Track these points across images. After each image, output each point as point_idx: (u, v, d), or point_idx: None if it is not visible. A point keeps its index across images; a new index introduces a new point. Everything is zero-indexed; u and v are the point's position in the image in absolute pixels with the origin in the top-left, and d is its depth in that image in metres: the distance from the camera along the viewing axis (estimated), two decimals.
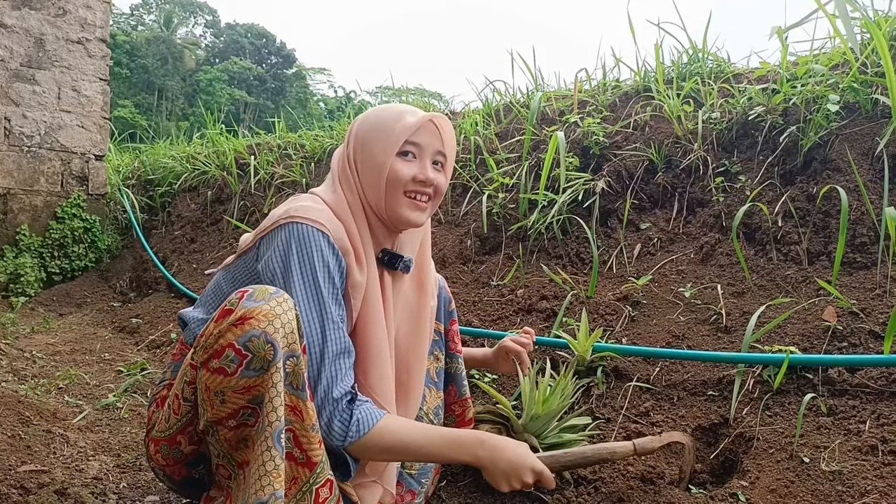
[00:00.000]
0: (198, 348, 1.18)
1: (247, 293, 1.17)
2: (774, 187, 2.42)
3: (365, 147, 1.43)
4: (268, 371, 1.13)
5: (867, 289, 1.95)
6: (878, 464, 1.45)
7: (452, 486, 1.73)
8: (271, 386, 1.14)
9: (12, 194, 4.94)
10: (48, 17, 5.04)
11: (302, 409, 1.20)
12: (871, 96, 2.34)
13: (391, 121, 1.43)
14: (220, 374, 1.14)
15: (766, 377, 1.79)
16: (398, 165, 1.41)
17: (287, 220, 1.32)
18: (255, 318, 1.13)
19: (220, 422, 1.19)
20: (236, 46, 48.61)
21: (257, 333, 1.12)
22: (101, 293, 4.81)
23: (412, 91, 6.18)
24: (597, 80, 3.72)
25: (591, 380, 2.02)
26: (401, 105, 1.51)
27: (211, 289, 1.49)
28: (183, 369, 1.25)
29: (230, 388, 1.14)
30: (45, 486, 1.58)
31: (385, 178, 1.40)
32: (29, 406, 2.16)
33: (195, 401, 1.23)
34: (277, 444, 1.15)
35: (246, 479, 1.19)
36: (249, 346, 1.12)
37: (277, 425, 1.15)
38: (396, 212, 1.42)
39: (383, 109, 1.49)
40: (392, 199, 1.41)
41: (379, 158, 1.40)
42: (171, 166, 5.77)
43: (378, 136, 1.42)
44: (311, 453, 1.22)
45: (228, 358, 1.13)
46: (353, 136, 1.47)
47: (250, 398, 1.15)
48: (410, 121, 1.41)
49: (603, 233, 2.79)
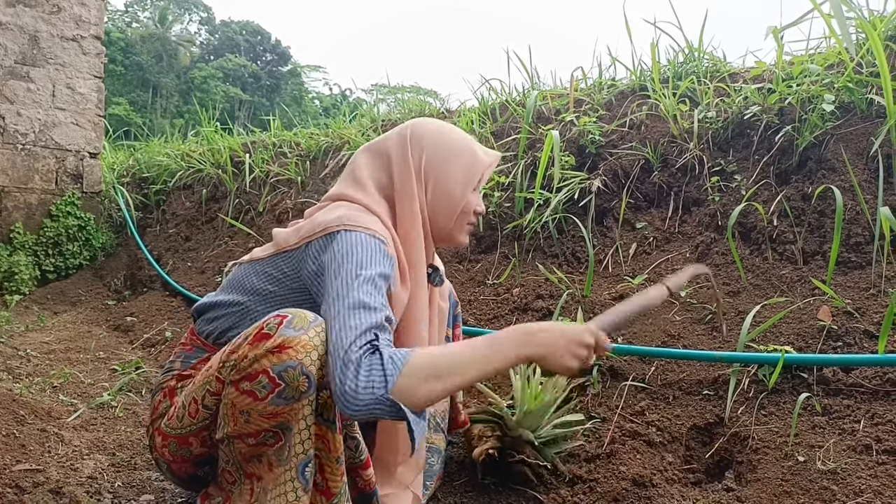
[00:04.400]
0: (228, 365, 1.17)
1: (286, 319, 1.15)
2: (770, 187, 2.43)
3: (441, 175, 1.47)
4: (299, 401, 1.13)
5: (862, 288, 1.96)
6: (873, 463, 1.45)
7: (448, 486, 1.73)
8: (301, 418, 1.15)
9: (6, 192, 4.92)
10: (43, 14, 5.01)
11: (330, 440, 1.21)
12: (866, 96, 2.34)
13: (467, 152, 1.50)
14: (250, 396, 1.13)
15: (762, 377, 1.80)
16: (472, 199, 1.51)
17: (341, 227, 1.28)
18: (293, 348, 1.12)
19: (240, 437, 1.19)
20: (231, 44, 48.42)
21: (294, 364, 1.11)
22: (95, 291, 4.80)
23: (408, 89, 6.19)
24: (593, 79, 3.72)
25: (586, 379, 2.03)
26: (465, 135, 1.56)
27: (234, 281, 1.45)
28: (206, 378, 1.24)
29: (257, 412, 1.14)
30: (39, 486, 1.58)
31: (460, 210, 1.49)
32: (23, 405, 2.15)
33: (216, 410, 1.23)
34: (301, 477, 1.16)
35: (255, 495, 1.20)
36: (284, 376, 1.11)
37: (303, 458, 1.17)
38: (456, 237, 1.53)
39: (452, 135, 1.52)
40: (458, 226, 1.51)
41: (458, 190, 1.48)
42: (166, 164, 5.74)
43: (456, 168, 1.48)
44: (331, 483, 1.23)
45: (261, 384, 1.12)
46: (423, 155, 1.47)
47: (276, 424, 1.15)
48: (486, 160, 1.52)
49: (599, 232, 2.79)
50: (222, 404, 1.20)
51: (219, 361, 1.21)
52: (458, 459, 1.84)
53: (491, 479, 1.71)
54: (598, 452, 1.75)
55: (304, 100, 44.18)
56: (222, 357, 1.20)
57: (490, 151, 1.55)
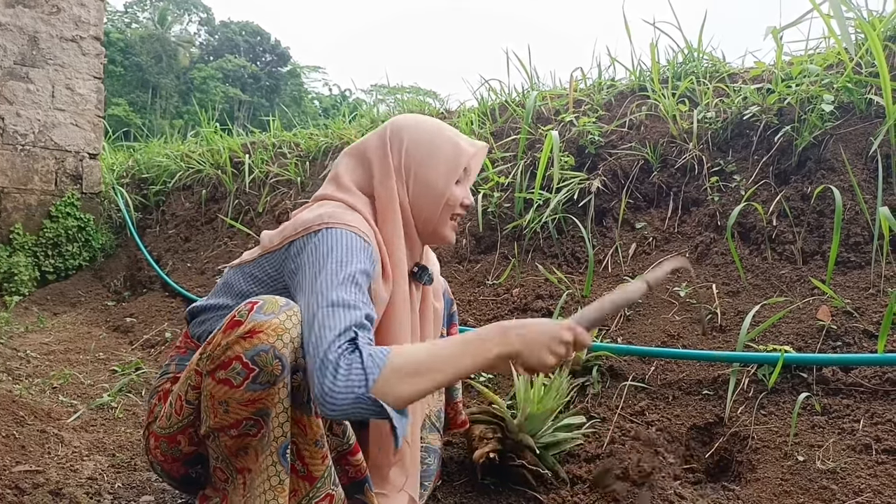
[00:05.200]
0: (204, 356, 1.18)
1: (256, 305, 1.15)
2: (769, 187, 2.43)
3: (422, 168, 1.44)
4: (274, 385, 1.13)
5: (861, 288, 1.96)
6: (872, 462, 1.45)
7: (448, 486, 1.73)
8: (278, 401, 1.15)
9: (6, 193, 4.92)
10: (42, 14, 5.01)
11: (306, 424, 1.20)
12: (866, 96, 2.35)
13: (448, 145, 1.46)
14: (226, 384, 1.13)
15: (761, 376, 1.80)
16: (457, 192, 1.47)
17: (322, 225, 1.27)
18: (264, 332, 1.11)
19: (223, 430, 1.19)
20: (231, 44, 48.43)
21: (266, 348, 1.11)
22: (95, 292, 4.79)
23: (407, 90, 6.19)
24: (592, 80, 3.72)
25: (586, 379, 2.03)
26: (447, 125, 1.52)
27: (224, 285, 1.46)
28: (188, 373, 1.25)
29: (235, 400, 1.14)
30: (39, 487, 1.58)
31: (444, 204, 1.45)
32: (23, 406, 2.15)
33: (198, 405, 1.23)
34: (283, 460, 1.16)
35: (247, 487, 1.20)
36: (257, 360, 1.11)
37: (283, 440, 1.16)
38: (441, 232, 1.49)
39: (433, 128, 1.49)
40: (442, 221, 1.48)
41: (440, 184, 1.44)
42: (166, 165, 5.74)
43: (438, 161, 1.45)
44: (312, 467, 1.22)
45: (235, 370, 1.12)
46: (403, 151, 1.44)
47: (254, 410, 1.15)
48: (470, 150, 1.47)
49: (598, 232, 2.79)
50: (202, 397, 1.19)
51: (197, 355, 1.22)
52: (458, 460, 1.84)
53: (491, 480, 1.71)
54: (597, 452, 1.75)
55: (303, 100, 44.20)
56: (200, 350, 1.21)
57: (475, 142, 1.51)
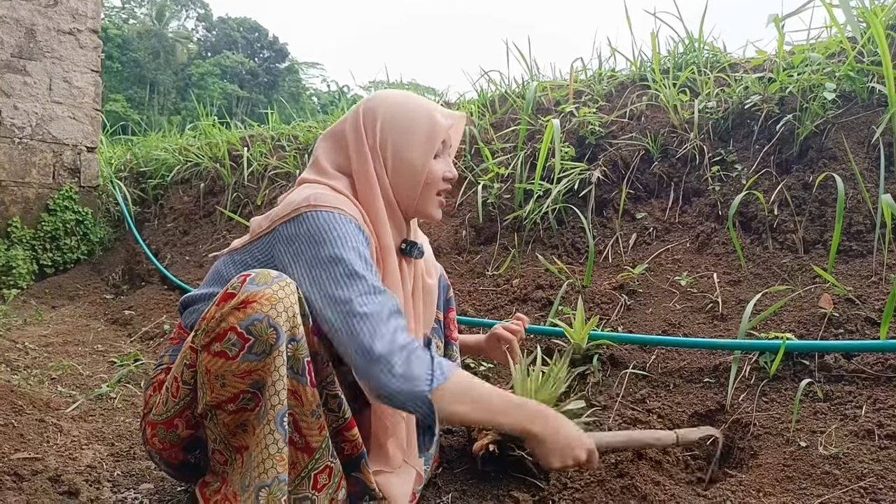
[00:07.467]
0: (199, 331, 1.17)
1: (249, 277, 1.16)
2: (770, 176, 2.42)
3: (398, 145, 1.40)
4: (270, 355, 1.13)
5: (863, 276, 1.95)
6: (875, 448, 1.45)
7: (449, 474, 1.72)
8: (274, 370, 1.14)
9: (3, 186, 4.90)
10: (39, 7, 4.99)
11: (302, 394, 1.19)
12: (868, 85, 2.34)
13: (424, 119, 1.42)
14: (222, 357, 1.13)
15: (763, 364, 1.79)
16: (435, 167, 1.44)
17: (309, 207, 1.26)
18: (257, 301, 1.12)
19: (220, 405, 1.18)
20: (228, 40, 48.35)
21: (260, 317, 1.11)
22: (93, 285, 4.78)
23: (406, 86, 6.16)
24: (593, 70, 3.71)
25: (587, 368, 2.02)
26: (422, 99, 1.48)
27: (214, 273, 1.45)
28: (183, 352, 1.24)
29: (231, 372, 1.13)
30: (38, 473, 1.57)
31: (423, 181, 1.42)
32: (21, 395, 2.14)
33: (195, 384, 1.23)
34: (280, 428, 1.15)
35: (245, 463, 1.19)
36: (252, 329, 1.11)
37: (280, 408, 1.15)
38: (427, 209, 1.47)
39: (408, 103, 1.45)
40: (425, 197, 1.45)
41: (418, 161, 1.41)
42: (164, 158, 5.72)
43: (414, 137, 1.41)
44: (310, 438, 1.21)
45: (230, 341, 1.12)
46: (377, 129, 1.41)
47: (251, 382, 1.14)
48: (446, 123, 1.43)
49: (599, 222, 2.78)
50: (198, 374, 1.19)
51: (192, 333, 1.21)
52: (459, 448, 1.83)
53: (491, 467, 1.71)
54: None
55: (301, 97, 44.06)
56: (195, 327, 1.20)
57: (453, 113, 1.47)
